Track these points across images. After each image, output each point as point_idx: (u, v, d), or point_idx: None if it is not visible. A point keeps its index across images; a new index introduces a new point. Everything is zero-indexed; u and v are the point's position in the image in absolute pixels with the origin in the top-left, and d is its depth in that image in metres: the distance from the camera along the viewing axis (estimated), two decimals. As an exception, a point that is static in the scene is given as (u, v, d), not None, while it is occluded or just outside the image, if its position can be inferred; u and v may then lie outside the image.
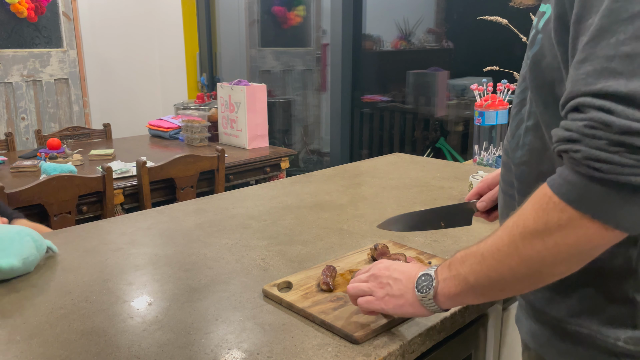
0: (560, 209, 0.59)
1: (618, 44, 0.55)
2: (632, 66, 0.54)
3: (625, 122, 0.53)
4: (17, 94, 3.60)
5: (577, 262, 0.62)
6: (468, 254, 0.71)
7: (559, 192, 0.59)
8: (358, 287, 0.84)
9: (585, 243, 0.59)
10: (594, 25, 0.57)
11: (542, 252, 0.61)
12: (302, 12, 4.70)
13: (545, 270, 0.63)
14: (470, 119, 3.22)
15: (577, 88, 0.57)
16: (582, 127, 0.56)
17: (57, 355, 0.82)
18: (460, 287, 0.71)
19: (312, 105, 4.88)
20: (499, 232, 0.66)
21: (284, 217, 1.45)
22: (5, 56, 3.51)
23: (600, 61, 0.56)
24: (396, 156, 2.26)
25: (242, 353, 0.82)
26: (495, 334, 1.13)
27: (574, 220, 0.58)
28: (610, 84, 0.54)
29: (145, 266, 1.15)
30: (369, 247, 1.17)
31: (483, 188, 1.01)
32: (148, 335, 0.87)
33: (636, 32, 0.54)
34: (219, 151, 2.56)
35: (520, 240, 0.63)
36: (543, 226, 0.60)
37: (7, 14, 3.45)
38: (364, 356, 0.81)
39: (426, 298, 0.75)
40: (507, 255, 0.64)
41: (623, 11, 0.55)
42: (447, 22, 3.51)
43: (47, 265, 1.16)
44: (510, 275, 0.65)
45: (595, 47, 0.56)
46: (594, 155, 0.55)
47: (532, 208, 0.62)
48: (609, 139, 0.54)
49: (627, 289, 0.67)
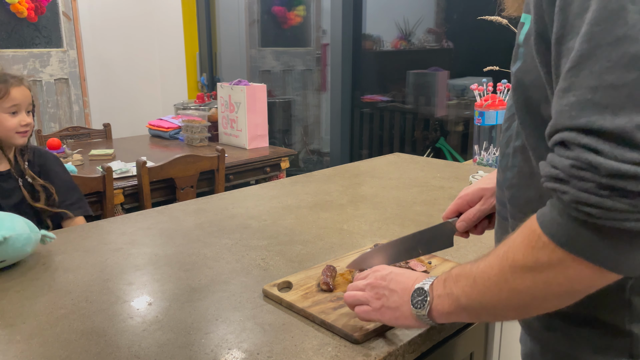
0: (550, 249, 0.56)
1: (602, 72, 0.50)
2: (618, 98, 0.49)
3: (614, 164, 0.48)
4: (17, 94, 3.60)
5: (569, 299, 0.59)
6: (462, 274, 0.69)
7: (548, 233, 0.56)
8: (355, 297, 0.84)
9: (578, 283, 0.56)
10: (575, 51, 0.52)
11: (532, 287, 0.59)
12: (302, 12, 4.70)
13: (536, 304, 0.61)
14: (470, 119, 3.22)
15: (561, 121, 0.53)
16: (568, 166, 0.52)
17: (57, 355, 0.82)
18: (453, 307, 0.70)
19: (312, 105, 4.88)
20: (491, 257, 0.64)
21: (284, 217, 1.45)
22: (5, 56, 3.51)
23: (583, 92, 0.51)
24: (396, 156, 2.26)
25: (242, 353, 0.82)
26: (495, 334, 1.13)
27: (566, 261, 0.55)
28: (595, 119, 0.50)
29: (145, 266, 1.15)
30: (369, 247, 1.17)
31: (462, 205, 0.94)
32: (148, 335, 0.87)
33: (621, 58, 0.49)
34: (219, 151, 2.56)
35: (510, 274, 0.60)
36: (533, 263, 0.57)
37: (7, 14, 3.45)
38: (364, 356, 0.81)
39: (421, 313, 0.73)
40: (496, 285, 0.62)
41: (606, 34, 0.50)
42: (447, 22, 3.51)
43: (47, 265, 1.16)
44: (500, 304, 0.64)
45: (577, 76, 0.52)
46: (583, 199, 0.51)
47: (521, 242, 0.59)
48: (597, 182, 0.50)
49: (621, 320, 0.63)
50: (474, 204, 0.93)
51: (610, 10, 0.50)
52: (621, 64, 0.49)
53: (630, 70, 0.49)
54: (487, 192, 0.92)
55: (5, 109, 1.61)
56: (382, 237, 1.29)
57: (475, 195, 0.93)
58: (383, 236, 1.30)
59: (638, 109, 0.48)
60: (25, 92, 1.66)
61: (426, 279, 0.75)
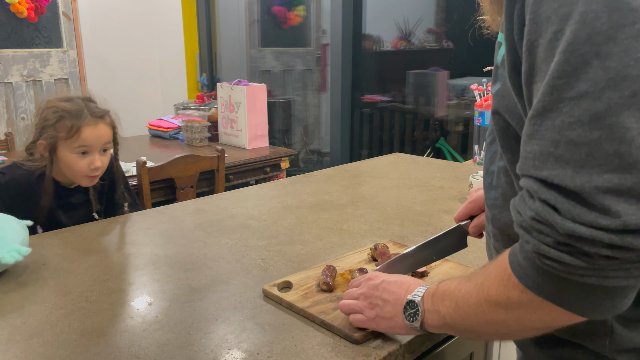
0: (520, 290, 0.57)
1: (563, 127, 0.49)
2: (579, 155, 0.48)
3: (571, 225, 0.48)
4: (17, 94, 3.60)
5: (544, 330, 0.60)
6: (446, 293, 0.70)
7: (517, 275, 0.57)
8: (349, 306, 0.85)
9: (550, 322, 0.58)
10: (538, 100, 0.51)
11: (506, 320, 0.60)
12: (302, 12, 4.70)
13: (513, 334, 0.63)
14: (470, 119, 3.22)
15: (526, 168, 0.53)
16: (530, 218, 0.52)
17: (57, 355, 0.82)
18: (440, 323, 0.71)
19: (312, 105, 4.88)
20: (471, 285, 0.65)
21: (284, 217, 1.45)
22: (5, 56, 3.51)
23: (546, 144, 0.50)
24: (396, 156, 2.26)
25: (242, 353, 0.82)
26: (495, 334, 1.13)
27: (535, 302, 0.56)
28: (557, 174, 0.49)
29: (145, 266, 1.15)
30: (369, 247, 1.17)
31: (474, 209, 0.93)
32: (148, 335, 0.87)
33: (582, 115, 0.48)
34: (219, 151, 2.56)
35: (486, 306, 0.62)
36: (505, 300, 0.59)
37: (7, 14, 3.45)
38: (364, 356, 0.81)
39: (414, 326, 0.75)
40: (474, 313, 0.64)
41: (568, 89, 0.49)
42: (447, 22, 3.51)
43: (47, 265, 1.16)
44: (480, 330, 0.65)
45: (540, 126, 0.51)
46: (543, 251, 0.52)
47: (495, 278, 0.60)
48: (555, 239, 0.50)
49: (603, 348, 0.62)
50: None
51: (572, 64, 0.49)
52: (583, 122, 0.48)
53: (592, 130, 0.48)
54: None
55: (74, 149, 1.44)
56: (382, 237, 1.29)
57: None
58: (383, 236, 1.30)
59: (597, 169, 0.47)
60: (102, 131, 1.48)
61: (417, 289, 0.76)
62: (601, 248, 0.48)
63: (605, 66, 0.47)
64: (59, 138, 1.43)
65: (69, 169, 1.46)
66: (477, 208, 0.93)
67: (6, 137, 2.97)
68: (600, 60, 0.48)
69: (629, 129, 0.47)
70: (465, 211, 0.94)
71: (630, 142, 0.47)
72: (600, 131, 0.47)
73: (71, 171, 1.47)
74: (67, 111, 1.44)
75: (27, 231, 1.17)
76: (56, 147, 1.45)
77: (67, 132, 1.42)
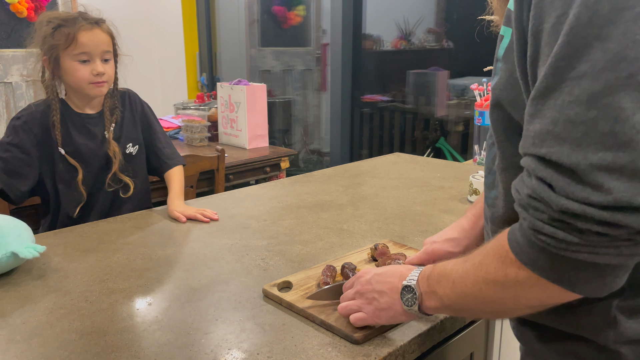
0: (517, 266, 0.58)
1: (563, 106, 0.51)
2: (576, 134, 0.50)
3: (565, 202, 0.50)
4: (17, 94, 3.60)
5: (541, 309, 0.61)
6: (443, 274, 0.71)
7: (514, 252, 0.58)
8: (347, 307, 0.86)
9: (545, 299, 0.59)
10: (540, 81, 0.53)
11: (503, 298, 0.62)
12: (302, 12, 4.70)
13: (509, 312, 0.64)
14: (470, 119, 3.22)
15: (526, 145, 0.55)
16: (526, 195, 0.54)
17: (57, 355, 0.82)
18: (438, 304, 0.73)
19: (312, 105, 4.88)
20: (468, 265, 0.66)
21: (284, 217, 1.45)
22: (5, 56, 3.51)
23: (546, 122, 0.52)
24: (396, 156, 2.26)
25: (242, 353, 0.82)
26: (495, 334, 1.13)
27: (532, 279, 0.57)
28: (554, 151, 0.51)
29: (145, 266, 1.15)
30: (368, 247, 1.17)
31: (428, 261, 0.97)
32: (148, 335, 0.87)
33: (581, 95, 0.50)
34: (219, 151, 2.56)
35: (483, 284, 0.63)
36: (502, 278, 0.60)
37: (7, 14, 3.45)
38: (364, 356, 0.81)
39: (413, 310, 0.76)
40: (472, 292, 0.65)
41: (569, 69, 0.51)
42: (447, 22, 3.51)
43: (47, 265, 1.16)
44: (477, 309, 0.67)
45: (542, 105, 0.53)
46: (538, 227, 0.54)
47: (493, 256, 0.62)
48: (549, 215, 0.52)
49: (606, 340, 0.62)
50: (441, 258, 0.96)
51: (574, 46, 0.50)
52: (581, 101, 0.50)
53: (589, 109, 0.49)
54: (453, 257, 0.90)
55: (74, 57, 1.45)
56: (382, 237, 1.29)
57: (441, 257, 0.96)
58: (383, 236, 1.30)
59: (593, 147, 0.49)
60: (99, 37, 1.49)
61: (411, 274, 0.77)
62: (593, 224, 0.49)
63: (605, 48, 0.49)
64: (59, 48, 1.46)
65: (74, 79, 1.48)
66: (430, 262, 0.94)
67: (6, 137, 2.96)
68: (600, 42, 0.49)
69: (624, 109, 0.48)
70: (417, 261, 1.00)
71: (624, 121, 0.48)
72: (597, 110, 0.49)
73: (76, 80, 1.48)
74: (62, 19, 1.47)
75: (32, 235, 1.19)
76: (59, 60, 1.47)
77: (65, 39, 1.44)
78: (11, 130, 1.48)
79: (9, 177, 1.44)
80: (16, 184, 1.45)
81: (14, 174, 1.45)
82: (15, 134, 1.47)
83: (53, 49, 1.46)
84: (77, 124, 1.55)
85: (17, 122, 1.49)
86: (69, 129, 1.53)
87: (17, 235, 1.11)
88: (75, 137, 1.54)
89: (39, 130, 1.50)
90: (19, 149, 1.46)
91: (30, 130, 1.48)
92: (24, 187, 1.47)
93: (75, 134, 1.54)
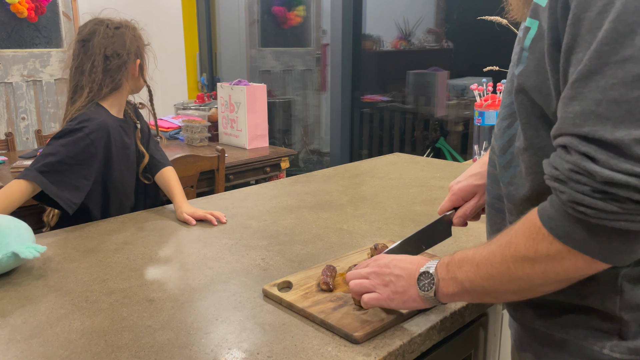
0: (549, 241, 0.61)
1: (607, 88, 0.54)
2: (619, 112, 0.53)
3: (609, 173, 0.54)
4: (17, 94, 3.60)
5: (565, 284, 0.64)
6: (465, 259, 0.73)
7: (547, 226, 0.61)
8: (361, 284, 0.86)
9: (573, 272, 0.62)
10: (583, 65, 0.56)
11: (531, 275, 0.64)
12: (302, 12, 4.70)
13: (534, 289, 0.66)
14: (470, 119, 3.22)
15: (565, 126, 0.58)
16: (567, 170, 0.57)
17: (57, 355, 0.82)
18: (457, 289, 0.74)
19: (312, 105, 4.88)
20: (493, 246, 0.69)
21: (284, 217, 1.45)
22: (5, 56, 3.51)
23: (588, 103, 0.56)
24: (396, 156, 2.26)
25: (242, 353, 0.82)
26: (495, 334, 1.13)
27: (563, 252, 0.60)
28: (597, 129, 0.54)
29: (145, 266, 1.15)
30: (368, 247, 1.17)
31: (457, 201, 1.00)
32: (148, 335, 0.87)
33: (625, 77, 0.53)
34: (219, 151, 2.56)
35: (512, 262, 0.65)
36: (533, 254, 0.63)
37: (7, 14, 3.45)
38: (364, 356, 0.81)
39: (428, 295, 0.78)
40: (498, 272, 0.67)
41: (614, 54, 0.54)
42: (447, 22, 3.51)
43: (47, 265, 1.16)
44: (502, 288, 0.69)
45: (584, 88, 0.56)
46: (578, 199, 0.57)
47: (523, 234, 0.64)
48: (592, 187, 0.55)
49: (612, 307, 0.67)
50: (468, 199, 0.99)
51: (620, 32, 0.54)
52: (625, 82, 0.53)
53: (633, 89, 0.53)
54: (480, 189, 0.98)
55: (143, 59, 1.61)
56: (382, 237, 1.29)
57: (469, 192, 0.99)
58: (383, 236, 1.30)
59: (636, 124, 0.53)
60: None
61: (429, 262, 0.79)
62: (634, 193, 0.53)
63: None
64: (142, 51, 1.61)
65: (144, 80, 1.63)
66: (460, 199, 1.00)
67: (6, 137, 2.97)
68: None
69: None
70: (448, 204, 1.01)
71: None
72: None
73: (143, 82, 1.62)
74: (129, 23, 1.62)
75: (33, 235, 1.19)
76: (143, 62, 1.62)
77: (143, 42, 1.63)
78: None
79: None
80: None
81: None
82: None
83: (139, 52, 1.57)
84: (124, 129, 1.60)
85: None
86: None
87: (17, 235, 1.11)
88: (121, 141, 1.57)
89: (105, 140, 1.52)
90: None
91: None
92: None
93: (122, 139, 1.57)
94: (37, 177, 1.37)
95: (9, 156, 2.80)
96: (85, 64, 1.51)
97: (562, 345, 0.71)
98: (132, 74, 1.57)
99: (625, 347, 0.67)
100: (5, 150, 2.95)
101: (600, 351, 0.68)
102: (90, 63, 1.50)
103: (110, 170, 1.52)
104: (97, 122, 1.46)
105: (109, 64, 1.51)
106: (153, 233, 1.36)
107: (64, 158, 1.40)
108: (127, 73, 1.55)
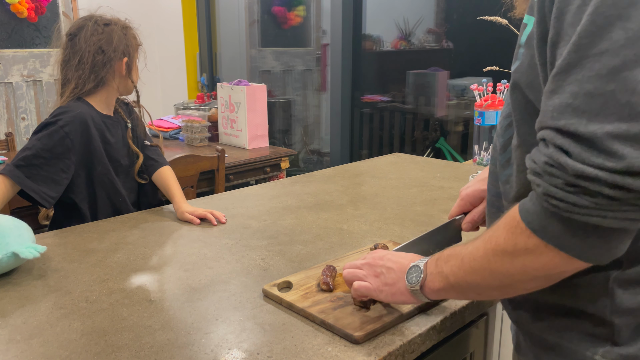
0: (527, 235, 0.61)
1: (583, 80, 0.54)
2: (595, 106, 0.53)
3: (580, 167, 0.53)
4: (17, 94, 3.60)
5: (545, 282, 0.64)
6: (452, 254, 0.74)
7: (525, 220, 0.61)
8: (354, 273, 0.87)
9: (551, 268, 0.61)
10: (563, 58, 0.57)
11: (510, 270, 0.64)
12: (302, 12, 4.70)
13: (515, 285, 0.66)
14: (470, 119, 3.22)
15: (544, 120, 0.58)
16: (542, 162, 0.57)
17: (57, 355, 0.82)
18: (442, 284, 0.75)
19: (312, 105, 4.88)
20: (478, 241, 0.69)
21: (284, 217, 1.45)
22: (5, 56, 3.51)
23: (566, 96, 0.56)
24: (396, 156, 2.26)
25: (242, 353, 0.82)
26: (495, 334, 1.13)
27: (540, 247, 0.60)
28: (572, 122, 0.54)
29: (145, 266, 1.15)
30: (369, 247, 1.17)
31: (465, 206, 1.00)
32: (148, 335, 0.87)
33: (601, 70, 0.53)
34: (219, 151, 2.56)
35: (492, 256, 0.65)
36: (512, 248, 0.63)
37: (7, 14, 3.45)
38: (364, 356, 0.81)
39: (414, 289, 0.78)
40: (480, 266, 0.68)
41: (592, 47, 0.54)
42: (447, 22, 3.51)
43: (47, 265, 1.16)
44: (484, 284, 0.69)
45: (564, 81, 0.56)
46: (551, 192, 0.57)
47: (503, 228, 0.64)
48: (564, 180, 0.55)
49: (603, 311, 0.66)
50: (476, 204, 0.99)
51: (598, 25, 0.54)
52: (601, 75, 0.53)
53: (608, 82, 0.53)
54: (486, 180, 0.96)
55: (136, 57, 1.60)
56: (382, 237, 1.29)
57: (477, 197, 0.99)
58: (383, 236, 1.30)
59: (610, 118, 0.53)
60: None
61: (421, 258, 0.80)
62: (604, 187, 0.53)
63: (625, 27, 0.53)
64: (133, 50, 1.58)
65: (135, 79, 1.60)
66: (469, 205, 0.99)
67: (6, 137, 2.97)
68: (621, 21, 0.53)
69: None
70: (457, 209, 1.01)
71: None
72: (615, 83, 0.53)
73: (134, 81, 1.59)
74: (119, 22, 1.58)
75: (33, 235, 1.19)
76: (131, 61, 1.58)
77: (136, 40, 1.60)
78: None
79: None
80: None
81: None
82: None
83: (127, 51, 1.54)
84: (108, 125, 1.58)
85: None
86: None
87: (17, 235, 1.11)
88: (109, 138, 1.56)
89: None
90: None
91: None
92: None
93: (104, 134, 1.55)
94: (12, 171, 1.37)
95: (9, 156, 2.80)
96: (72, 58, 1.50)
97: (556, 349, 0.71)
98: (119, 72, 1.54)
99: (617, 354, 0.66)
100: (5, 150, 2.95)
101: (593, 357, 0.67)
102: (77, 58, 1.49)
103: (93, 164, 1.50)
104: (72, 114, 1.44)
105: (94, 60, 1.50)
106: (153, 233, 1.36)
107: (39, 151, 1.40)
108: (112, 70, 1.52)
